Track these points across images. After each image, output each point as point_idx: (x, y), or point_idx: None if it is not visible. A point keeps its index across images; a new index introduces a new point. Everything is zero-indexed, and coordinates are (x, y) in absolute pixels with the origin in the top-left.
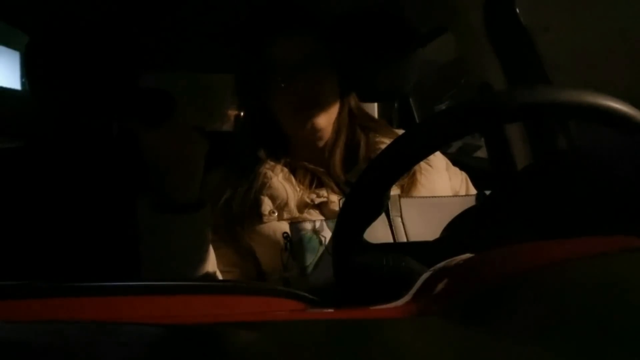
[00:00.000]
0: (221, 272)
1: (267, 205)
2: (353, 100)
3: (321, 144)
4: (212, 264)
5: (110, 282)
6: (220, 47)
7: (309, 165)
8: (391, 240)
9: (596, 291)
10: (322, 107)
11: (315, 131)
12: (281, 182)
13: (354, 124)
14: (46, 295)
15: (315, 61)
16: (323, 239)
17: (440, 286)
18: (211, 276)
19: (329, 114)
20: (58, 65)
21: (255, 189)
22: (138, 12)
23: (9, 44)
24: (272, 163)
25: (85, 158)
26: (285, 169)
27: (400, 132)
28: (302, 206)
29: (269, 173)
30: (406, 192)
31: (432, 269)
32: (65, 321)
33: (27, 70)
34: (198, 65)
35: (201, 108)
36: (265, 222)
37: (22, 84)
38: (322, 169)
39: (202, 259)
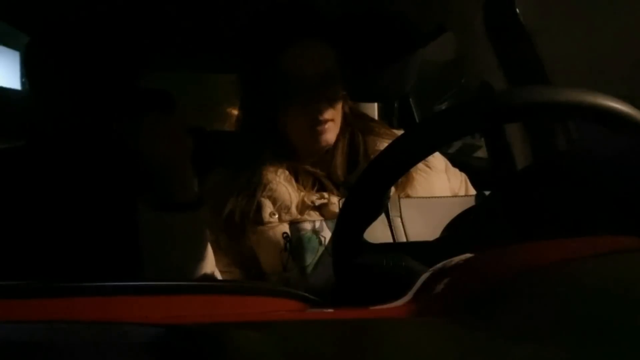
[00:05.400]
0: (221, 272)
1: (268, 207)
2: (346, 105)
3: (324, 149)
4: (210, 264)
5: (110, 282)
6: (227, 52)
7: (311, 168)
8: (391, 240)
9: (596, 291)
10: (334, 123)
11: (327, 146)
12: (283, 184)
13: (350, 127)
14: (46, 295)
15: (333, 76)
16: (323, 239)
17: (440, 286)
18: (210, 276)
19: (338, 126)
20: (58, 65)
21: (257, 190)
22: (138, 12)
23: (9, 44)
24: (274, 165)
25: (85, 158)
26: (287, 171)
27: (400, 132)
28: (303, 208)
29: (271, 175)
30: (404, 193)
31: (432, 269)
32: (65, 321)
33: (27, 70)
34: (198, 65)
35: (201, 108)
36: (266, 224)
37: (22, 84)
38: (323, 173)
39: (201, 258)
